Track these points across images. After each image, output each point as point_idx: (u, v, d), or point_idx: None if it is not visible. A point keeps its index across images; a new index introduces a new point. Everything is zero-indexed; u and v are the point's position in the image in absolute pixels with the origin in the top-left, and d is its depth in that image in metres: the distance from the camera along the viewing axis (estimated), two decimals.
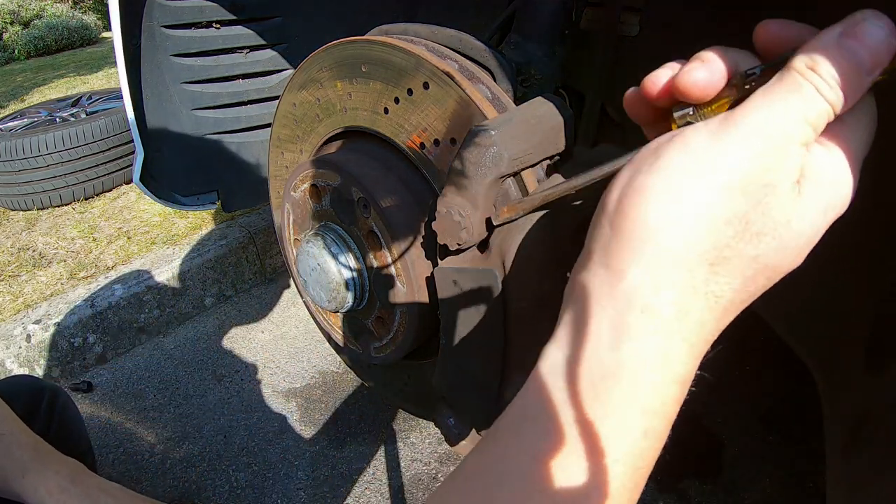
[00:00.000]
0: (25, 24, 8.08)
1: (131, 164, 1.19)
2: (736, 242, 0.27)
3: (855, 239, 0.72)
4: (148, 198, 1.20)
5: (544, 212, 0.43)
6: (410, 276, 0.53)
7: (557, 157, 0.51)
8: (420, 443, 1.34)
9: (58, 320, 1.78)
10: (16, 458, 0.60)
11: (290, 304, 1.88)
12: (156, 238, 2.39)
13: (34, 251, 2.38)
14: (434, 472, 1.26)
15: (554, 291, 0.43)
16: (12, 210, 2.75)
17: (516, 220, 0.42)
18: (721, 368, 1.46)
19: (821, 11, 0.34)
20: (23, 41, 7.58)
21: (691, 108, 0.30)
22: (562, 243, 0.44)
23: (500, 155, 0.42)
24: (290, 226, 0.71)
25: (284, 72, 1.28)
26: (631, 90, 0.34)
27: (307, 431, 1.40)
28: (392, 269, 0.54)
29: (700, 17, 0.68)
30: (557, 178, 0.48)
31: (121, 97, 1.24)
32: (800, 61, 0.26)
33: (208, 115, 1.24)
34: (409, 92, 0.51)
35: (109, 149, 2.73)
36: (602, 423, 0.28)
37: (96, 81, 5.46)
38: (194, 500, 1.23)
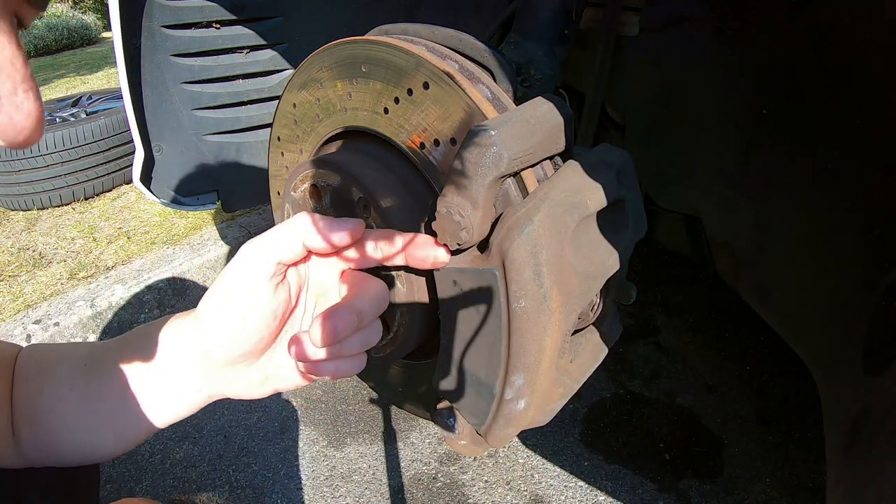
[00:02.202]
0: None
1: (131, 164, 1.19)
2: None
3: (855, 240, 0.72)
4: (148, 198, 1.20)
5: (544, 212, 0.43)
6: (410, 277, 0.53)
7: (557, 157, 0.51)
8: (420, 443, 1.34)
9: (58, 320, 1.78)
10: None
11: None
12: (156, 238, 2.39)
13: (34, 251, 2.38)
14: (434, 472, 1.27)
15: (554, 291, 0.43)
16: (12, 210, 2.75)
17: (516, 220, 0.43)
18: (721, 369, 1.47)
19: None
20: (23, 41, 7.59)
21: None
22: (562, 243, 0.44)
23: (500, 155, 0.42)
24: None
25: (284, 72, 1.28)
26: None
27: (307, 431, 1.40)
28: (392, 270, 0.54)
29: None
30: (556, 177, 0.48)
31: (121, 97, 1.24)
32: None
33: (208, 115, 1.24)
34: (409, 92, 0.51)
35: (109, 149, 2.73)
36: None
37: (96, 81, 5.46)
38: (194, 500, 1.23)
